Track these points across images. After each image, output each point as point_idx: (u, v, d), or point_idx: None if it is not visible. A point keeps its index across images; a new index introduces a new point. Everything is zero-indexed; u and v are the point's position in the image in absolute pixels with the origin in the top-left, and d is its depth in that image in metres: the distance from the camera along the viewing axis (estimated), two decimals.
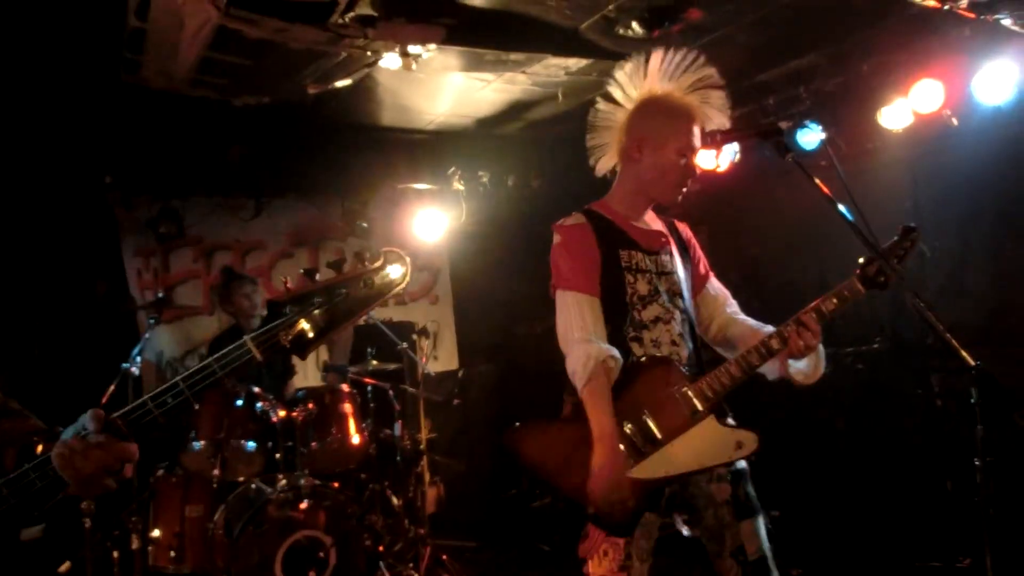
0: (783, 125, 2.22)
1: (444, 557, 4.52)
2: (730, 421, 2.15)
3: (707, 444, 2.11)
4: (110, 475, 1.22)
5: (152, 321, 4.10)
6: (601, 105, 2.36)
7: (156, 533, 3.81)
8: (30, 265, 4.55)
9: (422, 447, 4.97)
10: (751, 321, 2.37)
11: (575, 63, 4.22)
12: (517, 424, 2.24)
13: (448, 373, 6.14)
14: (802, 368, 2.18)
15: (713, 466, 2.14)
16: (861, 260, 2.10)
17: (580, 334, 2.16)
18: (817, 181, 2.11)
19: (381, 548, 4.04)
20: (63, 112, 4.47)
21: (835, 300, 2.11)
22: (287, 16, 3.50)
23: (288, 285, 1.33)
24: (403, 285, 1.38)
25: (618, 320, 2.21)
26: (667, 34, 3.69)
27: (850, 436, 4.56)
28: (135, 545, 3.78)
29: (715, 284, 2.47)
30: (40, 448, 1.25)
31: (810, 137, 4.08)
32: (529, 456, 2.22)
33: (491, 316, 6.42)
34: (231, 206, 5.70)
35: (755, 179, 4.71)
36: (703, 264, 2.47)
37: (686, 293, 2.33)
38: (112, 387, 3.84)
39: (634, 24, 3.68)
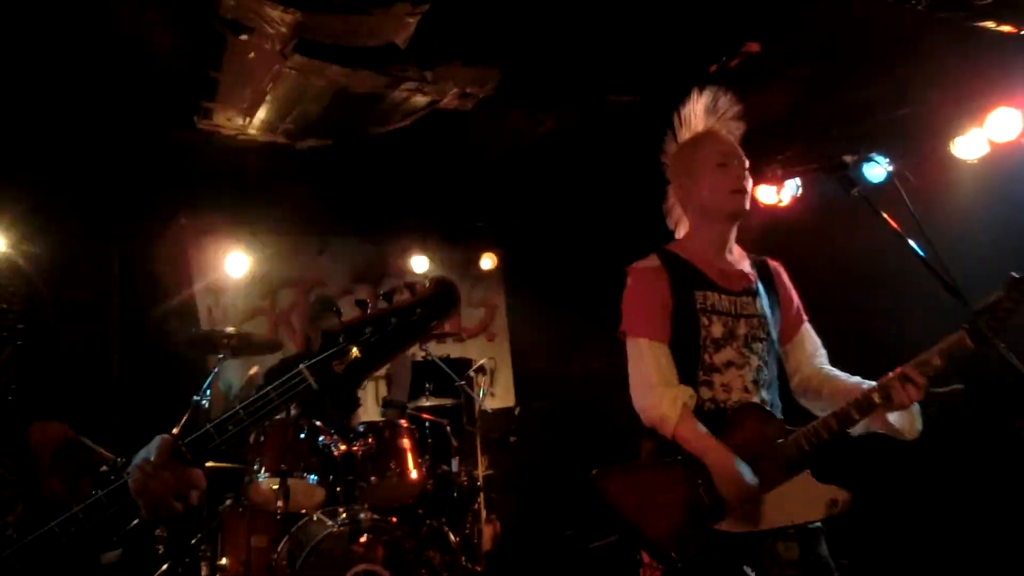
0: (848, 158, 2.15)
1: None
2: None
3: (801, 499, 2.02)
4: (178, 500, 1.26)
5: (221, 356, 4.21)
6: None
7: (224, 561, 3.87)
8: (109, 301, 4.75)
9: (479, 484, 4.95)
10: (842, 375, 2.26)
11: (630, 99, 4.24)
12: (603, 467, 2.18)
13: (505, 410, 6.13)
14: (896, 423, 2.09)
15: (805, 523, 2.04)
16: (967, 323, 1.96)
17: (658, 377, 2.14)
18: (885, 216, 2.05)
19: None
20: (142, 156, 4.69)
21: (941, 358, 2.00)
22: (349, 62, 3.63)
23: (341, 315, 1.36)
24: (453, 314, 1.41)
25: (689, 362, 2.17)
26: (724, 68, 3.70)
27: (927, 483, 4.34)
28: (204, 573, 3.84)
29: (808, 331, 2.38)
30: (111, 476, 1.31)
31: (877, 170, 3.96)
32: (616, 499, 2.14)
33: (548, 354, 6.40)
34: (296, 245, 5.87)
35: (818, 215, 4.62)
36: (796, 307, 2.38)
37: (773, 336, 2.25)
38: (184, 418, 3.96)
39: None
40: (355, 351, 1.31)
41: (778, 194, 4.62)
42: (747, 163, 2.27)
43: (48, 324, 1.46)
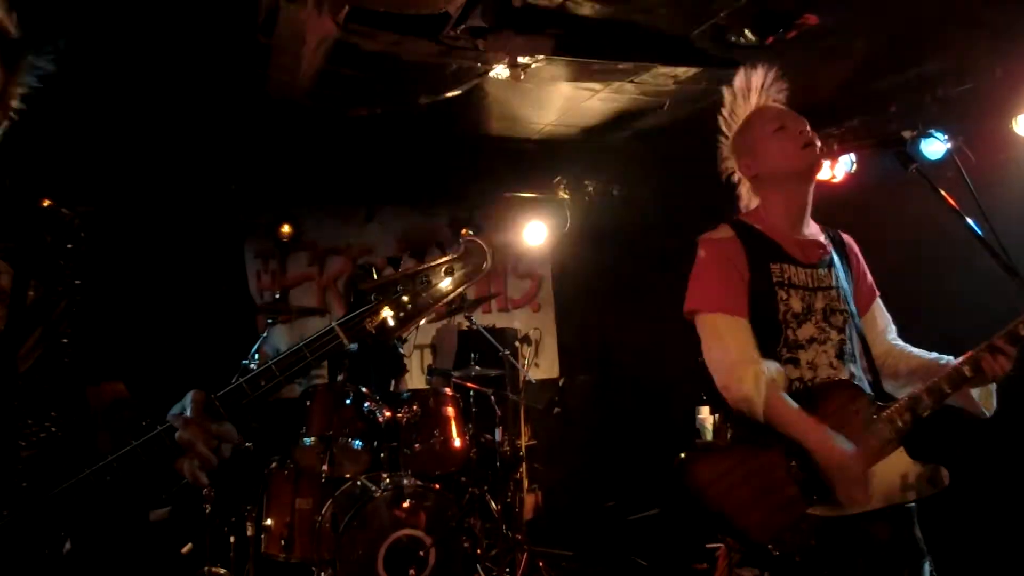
0: (906, 134, 2.07)
1: (540, 564, 4.53)
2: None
3: (898, 479, 1.94)
4: (212, 454, 1.28)
5: (270, 321, 4.31)
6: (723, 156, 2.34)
7: (269, 522, 3.99)
8: (164, 267, 4.88)
9: (521, 454, 5.00)
10: (917, 350, 2.19)
11: (684, 72, 4.17)
12: (686, 453, 2.07)
13: (549, 381, 6.15)
14: (978, 398, 2.04)
15: (903, 503, 1.97)
16: None
17: (739, 355, 2.02)
18: (943, 194, 1.98)
19: (479, 551, 4.09)
20: (196, 124, 4.77)
21: None
22: (401, 30, 3.62)
23: (374, 275, 1.36)
24: (482, 273, 1.39)
25: (771, 340, 2.06)
26: (781, 41, 3.60)
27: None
28: (249, 532, 3.97)
29: (880, 307, 2.30)
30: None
31: (935, 147, 3.85)
32: (702, 486, 2.00)
33: (593, 326, 6.40)
34: (344, 213, 5.95)
35: (873, 192, 4.49)
36: (869, 283, 2.30)
37: (851, 309, 2.16)
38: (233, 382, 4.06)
39: (747, 31, 3.60)
40: (386, 309, 1.32)
41: (832, 169, 4.51)
42: (805, 121, 2.18)
43: (105, 283, 1.48)
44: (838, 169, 4.49)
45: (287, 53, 3.95)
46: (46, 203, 1.45)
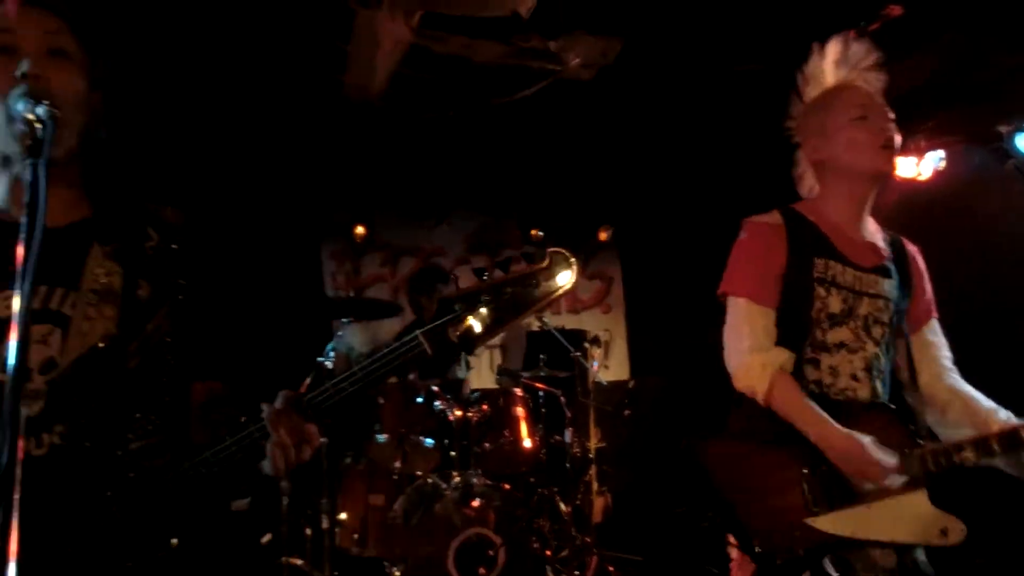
0: (1002, 128, 1.97)
1: (611, 568, 4.48)
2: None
3: (910, 520, 1.84)
4: (294, 449, 1.32)
5: (345, 320, 4.40)
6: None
7: (343, 516, 4.06)
8: (246, 269, 5.03)
9: (591, 456, 4.97)
10: (974, 393, 2.03)
11: (757, 68, 4.07)
12: (702, 437, 2.06)
13: (619, 383, 6.10)
14: None
15: (906, 543, 1.87)
16: None
17: (749, 343, 1.96)
18: None
19: (548, 553, 4.08)
20: (276, 128, 4.91)
21: None
22: (473, 33, 3.66)
23: (458, 283, 1.36)
24: (568, 286, 1.36)
25: (797, 337, 1.96)
26: (863, 32, 3.47)
27: None
28: (324, 525, 4.06)
29: (935, 329, 2.15)
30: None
31: None
32: (713, 471, 1.98)
33: (663, 328, 6.31)
34: (417, 214, 6.03)
35: (963, 190, 4.28)
36: (928, 299, 2.14)
37: (898, 324, 2.04)
38: (308, 379, 4.17)
39: None
40: (470, 319, 1.32)
41: (918, 167, 4.31)
42: (892, 114, 2.02)
43: (210, 283, 1.53)
44: (924, 166, 4.29)
45: (363, 58, 4.03)
46: (151, 204, 1.50)
